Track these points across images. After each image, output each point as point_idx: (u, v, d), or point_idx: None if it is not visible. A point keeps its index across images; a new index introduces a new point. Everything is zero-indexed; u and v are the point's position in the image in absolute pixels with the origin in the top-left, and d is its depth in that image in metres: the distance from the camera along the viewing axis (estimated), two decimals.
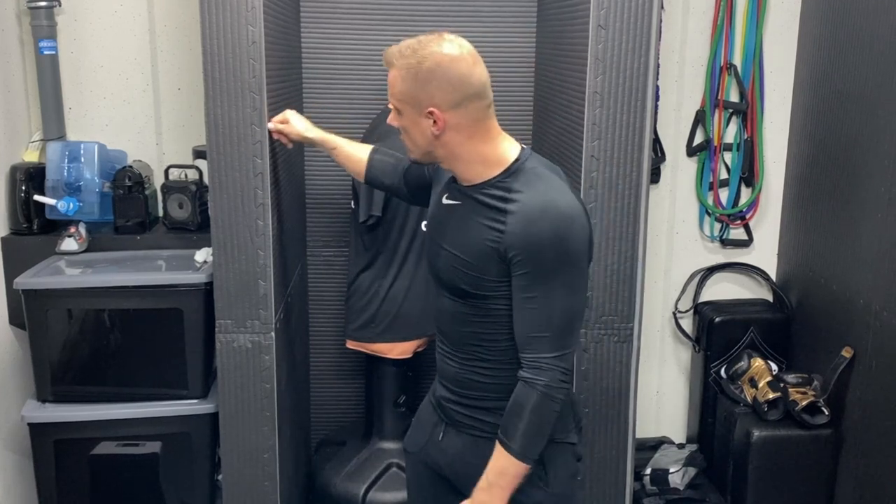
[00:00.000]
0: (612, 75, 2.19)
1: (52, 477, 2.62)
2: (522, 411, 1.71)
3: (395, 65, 1.75)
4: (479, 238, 1.73)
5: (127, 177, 2.82)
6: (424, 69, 1.72)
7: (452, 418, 1.91)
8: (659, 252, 3.36)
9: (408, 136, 1.81)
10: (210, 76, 2.14)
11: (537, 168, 1.77)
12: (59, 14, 2.93)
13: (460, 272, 1.77)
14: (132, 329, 2.65)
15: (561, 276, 1.69)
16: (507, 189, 1.73)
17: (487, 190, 1.75)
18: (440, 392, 1.94)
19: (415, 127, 1.78)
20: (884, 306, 2.62)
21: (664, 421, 3.51)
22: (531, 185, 1.72)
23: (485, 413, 1.85)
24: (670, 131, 3.29)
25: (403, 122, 1.79)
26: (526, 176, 1.74)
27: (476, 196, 1.77)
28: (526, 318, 1.71)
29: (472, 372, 1.85)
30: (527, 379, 1.72)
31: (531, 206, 1.68)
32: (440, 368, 1.95)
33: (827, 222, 3.01)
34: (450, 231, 1.82)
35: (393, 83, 1.77)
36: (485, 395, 1.85)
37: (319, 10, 2.92)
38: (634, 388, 2.37)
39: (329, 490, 2.83)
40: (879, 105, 2.67)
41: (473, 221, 1.76)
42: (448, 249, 1.80)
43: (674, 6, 3.20)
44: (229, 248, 2.22)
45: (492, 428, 1.83)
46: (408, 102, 1.76)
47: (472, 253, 1.75)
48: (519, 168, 1.76)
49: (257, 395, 2.30)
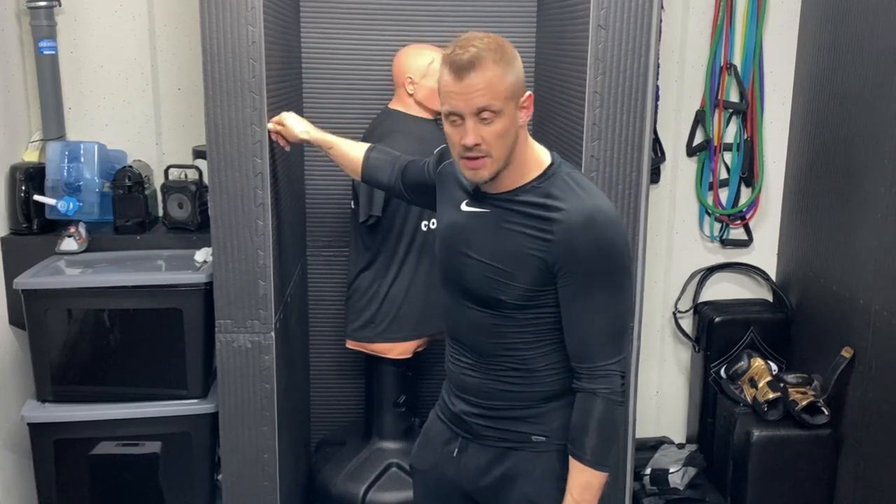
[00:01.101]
0: (612, 75, 2.19)
1: (52, 477, 2.62)
2: (591, 421, 1.68)
3: (486, 65, 1.59)
4: (520, 247, 1.67)
5: (127, 177, 2.82)
6: (511, 55, 1.64)
7: (475, 432, 1.85)
8: (659, 252, 3.36)
9: (502, 143, 1.64)
10: (210, 76, 2.14)
11: (573, 173, 1.73)
12: (58, 14, 2.93)
13: (497, 282, 1.71)
14: (132, 329, 2.65)
15: (613, 281, 1.67)
16: (546, 195, 1.68)
17: (524, 196, 1.70)
18: (459, 406, 1.87)
19: (512, 125, 1.65)
20: (884, 306, 2.62)
21: (664, 421, 3.51)
22: (572, 191, 1.68)
23: (513, 423, 1.81)
24: (670, 131, 3.29)
25: (504, 123, 1.63)
26: (564, 181, 1.70)
27: (510, 203, 1.70)
28: (582, 327, 1.67)
29: (501, 382, 1.79)
30: (590, 389, 1.69)
31: (579, 214, 1.64)
32: (457, 381, 1.87)
33: (827, 222, 3.01)
34: (478, 239, 1.74)
35: (496, 83, 1.60)
36: (514, 404, 1.80)
37: (319, 10, 2.92)
38: (634, 388, 2.36)
39: (329, 490, 2.83)
40: (879, 105, 2.67)
41: (510, 230, 1.69)
42: (478, 259, 1.73)
43: (674, 6, 3.20)
44: (229, 248, 2.22)
45: (521, 437, 1.81)
46: (512, 97, 1.64)
47: (511, 262, 1.68)
48: (555, 172, 1.71)
49: (257, 395, 2.30)
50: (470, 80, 1.59)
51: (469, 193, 1.79)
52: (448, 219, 1.83)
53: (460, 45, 1.61)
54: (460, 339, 1.83)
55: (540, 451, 1.81)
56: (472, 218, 1.76)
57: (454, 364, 1.88)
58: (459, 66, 1.59)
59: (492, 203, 1.73)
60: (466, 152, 1.64)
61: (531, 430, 1.81)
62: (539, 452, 1.81)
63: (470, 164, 1.66)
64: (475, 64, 1.59)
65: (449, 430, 1.92)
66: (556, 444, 1.80)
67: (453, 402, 1.89)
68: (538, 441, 1.81)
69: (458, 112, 1.62)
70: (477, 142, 1.62)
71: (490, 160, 1.65)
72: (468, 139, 1.62)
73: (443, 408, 1.95)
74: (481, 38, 1.62)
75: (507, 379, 1.79)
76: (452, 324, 1.83)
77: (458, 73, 1.60)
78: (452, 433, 1.90)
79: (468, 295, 1.78)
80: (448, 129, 1.67)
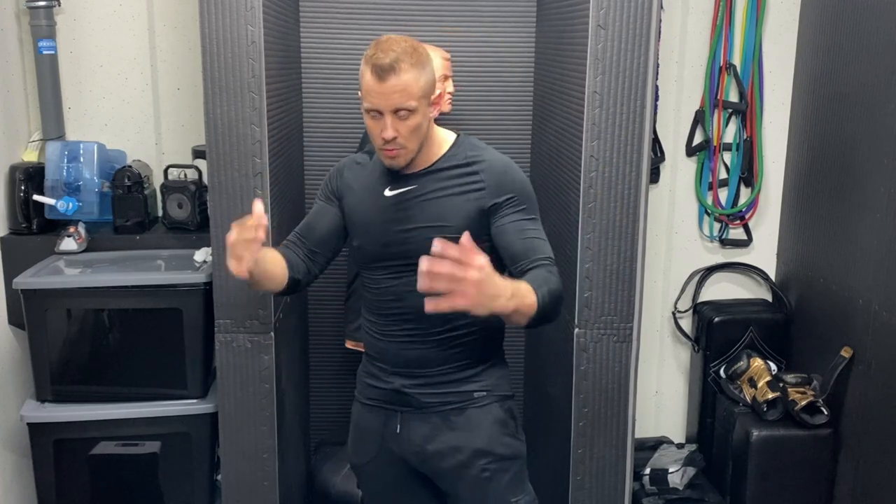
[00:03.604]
0: (612, 75, 2.19)
1: (52, 477, 2.62)
2: (550, 280, 1.77)
3: (403, 68, 1.80)
4: (456, 201, 1.89)
5: (126, 176, 2.82)
6: (425, 58, 1.85)
7: (417, 402, 1.97)
8: (658, 252, 3.36)
9: (415, 135, 1.87)
10: (209, 76, 2.14)
11: (474, 139, 2.00)
12: (58, 14, 2.93)
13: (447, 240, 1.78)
14: (131, 329, 2.65)
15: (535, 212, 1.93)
16: (464, 157, 1.93)
17: (445, 163, 1.93)
18: (397, 382, 1.98)
19: (424, 120, 1.86)
20: (883, 306, 2.62)
21: (663, 421, 3.51)
22: (483, 149, 1.96)
23: (455, 385, 1.96)
24: (670, 131, 3.29)
25: (417, 119, 1.84)
26: (473, 144, 1.97)
27: (434, 173, 1.92)
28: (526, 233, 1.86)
29: (445, 347, 1.94)
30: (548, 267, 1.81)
31: (499, 162, 1.94)
32: (393, 358, 1.98)
33: (826, 222, 3.01)
34: (413, 212, 1.91)
35: (412, 84, 1.81)
36: (456, 366, 1.96)
37: (318, 9, 2.92)
38: (634, 387, 2.37)
39: (328, 490, 2.83)
40: (879, 105, 2.67)
41: (441, 192, 1.90)
42: (419, 226, 1.89)
43: (674, 6, 3.20)
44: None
45: (464, 396, 1.96)
46: (426, 95, 1.85)
47: (451, 217, 1.88)
48: (463, 141, 1.97)
49: (257, 394, 2.30)
50: (389, 82, 1.79)
51: (391, 179, 1.95)
52: (372, 209, 1.96)
53: (381, 49, 1.81)
54: (403, 314, 1.94)
55: (483, 404, 1.98)
56: (399, 198, 1.93)
57: (390, 342, 1.99)
58: (381, 69, 1.79)
59: (418, 179, 1.93)
60: (385, 144, 1.85)
61: (472, 387, 1.98)
62: (482, 406, 1.98)
63: (388, 153, 1.88)
64: (394, 68, 1.79)
65: (385, 410, 2.02)
66: (497, 394, 2.01)
67: (388, 379, 2.00)
68: (480, 396, 1.98)
69: (379, 109, 1.82)
70: (394, 135, 1.83)
71: (405, 150, 1.87)
72: (387, 133, 1.83)
73: (370, 392, 2.05)
74: (399, 42, 1.82)
75: (450, 342, 1.94)
76: (394, 303, 1.95)
77: (379, 75, 1.80)
78: (390, 412, 2.01)
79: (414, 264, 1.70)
80: (369, 123, 1.87)
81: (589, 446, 2.35)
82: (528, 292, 1.70)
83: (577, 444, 2.35)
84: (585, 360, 2.32)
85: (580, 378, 2.32)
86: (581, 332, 2.30)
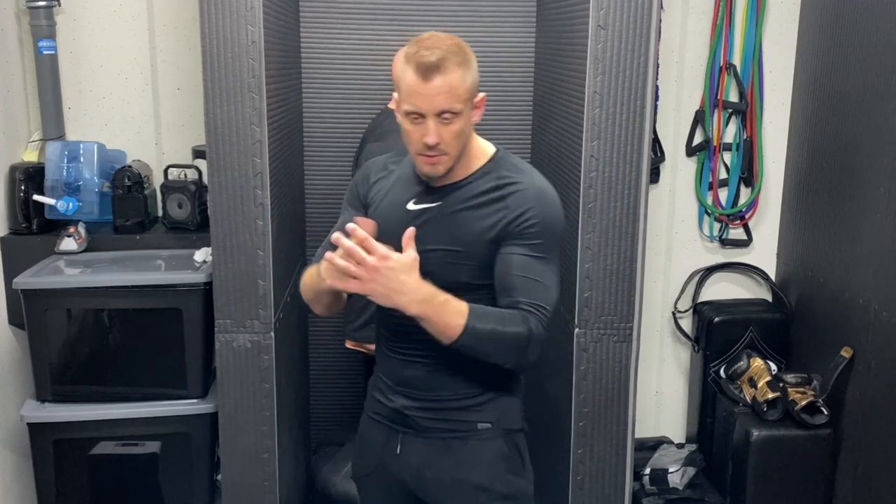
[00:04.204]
0: (612, 75, 2.19)
1: (52, 477, 2.62)
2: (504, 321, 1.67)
3: (450, 67, 1.65)
4: (477, 225, 1.75)
5: (126, 176, 2.82)
6: (470, 57, 1.72)
7: (418, 426, 1.86)
8: (658, 252, 3.36)
9: (458, 141, 1.72)
10: (209, 76, 2.14)
11: (516, 158, 1.84)
12: (58, 14, 2.92)
13: (457, 265, 1.75)
14: (131, 329, 2.65)
15: (558, 249, 1.78)
16: (498, 177, 1.77)
17: (476, 182, 1.78)
18: (398, 402, 1.87)
19: (468, 125, 1.74)
20: (883, 306, 2.62)
21: (663, 421, 3.51)
22: (522, 172, 1.79)
23: (457, 413, 1.84)
24: (670, 131, 3.29)
25: (461, 124, 1.70)
26: (512, 165, 1.80)
27: (462, 190, 1.78)
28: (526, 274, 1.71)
29: (449, 372, 1.81)
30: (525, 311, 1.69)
31: (533, 188, 1.76)
32: (396, 376, 1.88)
33: (826, 222, 3.01)
34: (433, 232, 1.76)
35: (458, 85, 1.67)
36: (458, 394, 1.83)
37: (319, 10, 2.92)
38: (634, 387, 2.36)
39: (328, 490, 2.83)
40: (878, 105, 2.67)
41: (465, 213, 1.76)
42: (436, 248, 1.75)
43: (674, 6, 3.20)
44: (229, 248, 2.22)
45: (467, 426, 1.83)
46: (471, 98, 1.72)
47: (469, 242, 1.75)
48: (502, 158, 1.81)
49: (257, 395, 2.30)
50: (434, 82, 1.65)
51: (417, 191, 1.82)
52: (394, 222, 1.79)
53: (425, 47, 1.66)
54: (409, 333, 1.79)
55: (486, 438, 1.84)
56: (420, 215, 1.80)
57: (395, 359, 1.88)
58: (426, 68, 1.64)
59: (444, 195, 1.79)
60: (426, 150, 1.70)
61: (476, 417, 1.84)
62: (486, 440, 1.84)
63: (428, 161, 1.72)
64: (440, 66, 1.64)
65: (387, 428, 1.91)
66: (501, 429, 1.85)
67: (391, 398, 1.89)
68: (484, 428, 1.84)
69: (421, 112, 1.68)
70: (438, 141, 1.68)
71: (446, 158, 1.72)
72: (430, 138, 1.68)
73: (376, 407, 1.94)
74: (444, 40, 1.68)
75: (452, 368, 1.80)
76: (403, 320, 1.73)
77: (423, 74, 1.65)
78: (392, 430, 1.90)
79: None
80: (408, 126, 1.71)
81: (589, 446, 2.35)
82: (454, 313, 1.64)
83: (577, 444, 2.35)
84: (585, 360, 2.32)
85: (580, 378, 2.32)
86: (581, 331, 2.30)
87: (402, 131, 1.74)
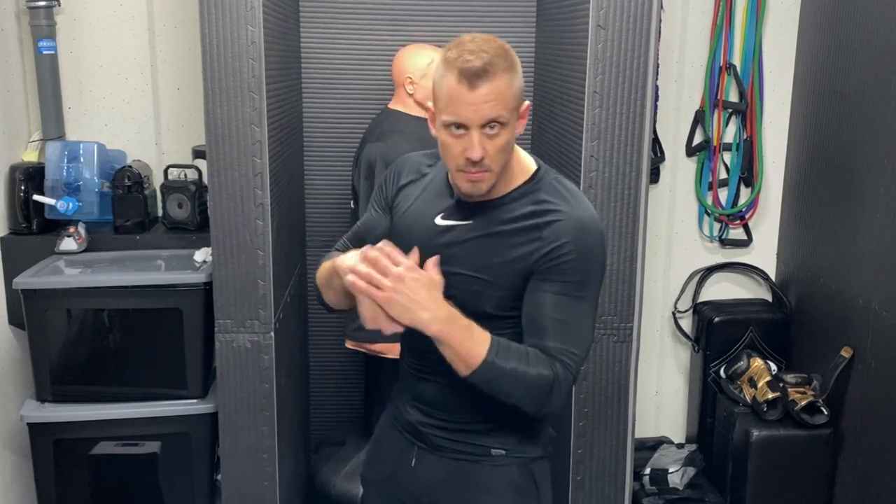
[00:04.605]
0: (612, 75, 2.19)
1: (52, 477, 2.62)
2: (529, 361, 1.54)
3: (497, 73, 1.49)
4: (508, 253, 1.59)
5: (126, 176, 2.82)
6: (516, 60, 1.54)
7: (432, 443, 1.75)
8: (658, 252, 3.36)
9: (503, 155, 1.55)
10: (209, 76, 2.14)
11: (560, 178, 1.67)
12: (58, 14, 2.92)
13: (484, 295, 1.62)
14: (131, 329, 2.65)
15: (596, 287, 1.63)
16: (536, 201, 1.61)
17: (513, 203, 1.62)
18: (413, 416, 1.77)
19: (513, 137, 1.56)
20: (883, 306, 2.62)
21: (663, 421, 3.51)
22: (563, 197, 1.62)
23: (471, 436, 1.72)
24: (670, 131, 3.29)
25: (507, 136, 1.53)
26: (553, 187, 1.63)
27: (498, 211, 1.62)
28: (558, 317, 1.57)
29: (465, 395, 1.64)
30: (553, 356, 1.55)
31: (573, 219, 1.58)
32: (413, 390, 1.77)
33: (826, 222, 3.01)
34: (461, 254, 1.63)
35: (506, 92, 1.50)
36: (473, 417, 1.71)
37: (319, 10, 2.92)
38: (634, 387, 2.37)
39: (328, 490, 2.83)
40: (878, 105, 2.67)
41: (497, 238, 1.61)
42: (463, 273, 1.62)
43: (673, 6, 3.20)
44: (229, 248, 2.22)
45: (480, 451, 1.72)
46: (518, 106, 1.55)
47: (498, 271, 1.60)
48: (543, 177, 1.64)
49: (257, 394, 2.30)
50: (482, 89, 1.48)
51: (447, 204, 1.68)
52: (418, 235, 1.67)
53: (469, 51, 1.49)
54: (426, 352, 1.64)
55: (499, 464, 1.73)
56: (449, 232, 1.65)
57: (410, 372, 1.78)
58: (473, 74, 1.47)
59: (476, 213, 1.64)
60: (469, 167, 1.54)
61: (490, 443, 1.72)
62: (499, 466, 1.73)
63: (470, 178, 1.56)
64: (488, 72, 1.47)
65: (404, 439, 1.80)
66: (516, 457, 1.74)
67: (408, 410, 1.79)
68: (498, 455, 1.73)
69: (465, 123, 1.51)
70: (483, 156, 1.52)
71: (490, 174, 1.56)
72: (475, 153, 1.51)
73: (397, 416, 1.85)
74: (488, 42, 1.52)
75: (469, 390, 1.61)
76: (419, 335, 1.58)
77: (470, 81, 1.48)
78: (408, 442, 1.79)
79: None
80: (447, 140, 1.54)
81: (589, 446, 2.35)
82: (477, 342, 1.52)
83: (577, 444, 2.35)
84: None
85: (580, 378, 2.32)
86: None
87: (440, 145, 1.58)
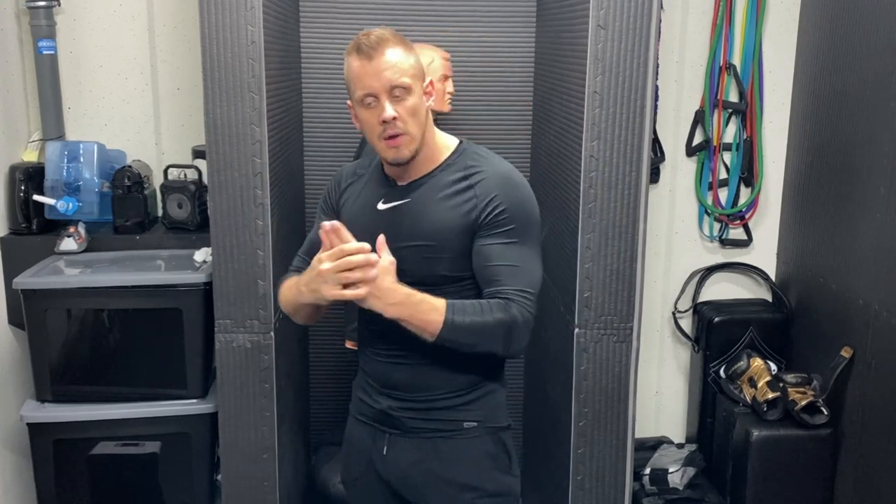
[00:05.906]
0: (612, 75, 2.19)
1: (51, 477, 2.62)
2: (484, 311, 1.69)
3: (389, 46, 1.71)
4: (448, 217, 1.76)
5: (126, 177, 2.82)
6: (409, 43, 1.77)
7: (404, 426, 1.86)
8: (658, 252, 3.36)
9: (415, 120, 1.74)
10: (209, 76, 2.14)
11: (480, 149, 1.85)
12: (58, 14, 2.93)
13: (434, 259, 1.77)
14: (131, 329, 2.65)
15: (535, 231, 1.79)
16: (464, 168, 1.79)
17: (442, 174, 1.80)
18: (384, 403, 1.87)
19: (422, 104, 1.76)
20: (883, 306, 2.62)
21: (663, 421, 3.51)
22: (486, 160, 1.81)
23: (443, 412, 1.84)
24: (670, 131, 3.29)
25: (414, 100, 1.73)
26: (476, 154, 1.83)
27: (429, 184, 1.80)
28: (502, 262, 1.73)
29: (433, 371, 1.82)
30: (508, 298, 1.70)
31: (497, 175, 1.78)
32: (381, 378, 1.88)
33: (826, 222, 3.01)
34: (406, 228, 1.78)
35: (402, 60, 1.72)
36: (444, 394, 1.84)
37: (319, 9, 2.92)
38: (634, 387, 2.36)
39: (328, 490, 2.83)
40: (878, 105, 2.67)
41: (435, 206, 1.77)
42: (410, 244, 1.77)
43: (673, 6, 3.20)
44: (228, 248, 2.22)
45: (453, 425, 1.84)
46: (417, 76, 1.75)
47: (443, 235, 1.76)
48: (465, 150, 1.84)
49: (257, 394, 2.30)
50: (379, 59, 1.69)
51: (385, 192, 1.84)
52: (366, 224, 1.79)
53: (363, 35, 1.72)
54: (391, 334, 1.77)
55: (472, 436, 1.85)
56: (391, 213, 1.82)
57: (378, 361, 1.88)
58: (368, 47, 1.70)
59: (412, 190, 1.81)
60: (386, 130, 1.72)
61: (461, 416, 1.85)
62: (472, 438, 1.85)
63: (391, 143, 1.73)
64: (381, 45, 1.70)
65: (374, 429, 1.91)
66: (488, 427, 1.86)
67: (377, 399, 1.89)
68: (470, 427, 1.85)
69: (373, 92, 1.70)
70: (394, 115, 1.70)
71: (407, 137, 1.73)
72: (386, 113, 1.70)
73: (362, 408, 1.94)
74: (378, 28, 1.75)
75: (435, 367, 1.81)
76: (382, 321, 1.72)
77: (367, 54, 1.70)
78: (379, 431, 1.90)
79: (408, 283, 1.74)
80: (365, 115, 1.74)
81: (589, 446, 2.35)
82: (431, 310, 1.67)
83: (577, 444, 2.35)
84: (585, 360, 2.32)
85: (580, 378, 2.32)
86: (581, 332, 2.30)
87: (362, 126, 1.77)
